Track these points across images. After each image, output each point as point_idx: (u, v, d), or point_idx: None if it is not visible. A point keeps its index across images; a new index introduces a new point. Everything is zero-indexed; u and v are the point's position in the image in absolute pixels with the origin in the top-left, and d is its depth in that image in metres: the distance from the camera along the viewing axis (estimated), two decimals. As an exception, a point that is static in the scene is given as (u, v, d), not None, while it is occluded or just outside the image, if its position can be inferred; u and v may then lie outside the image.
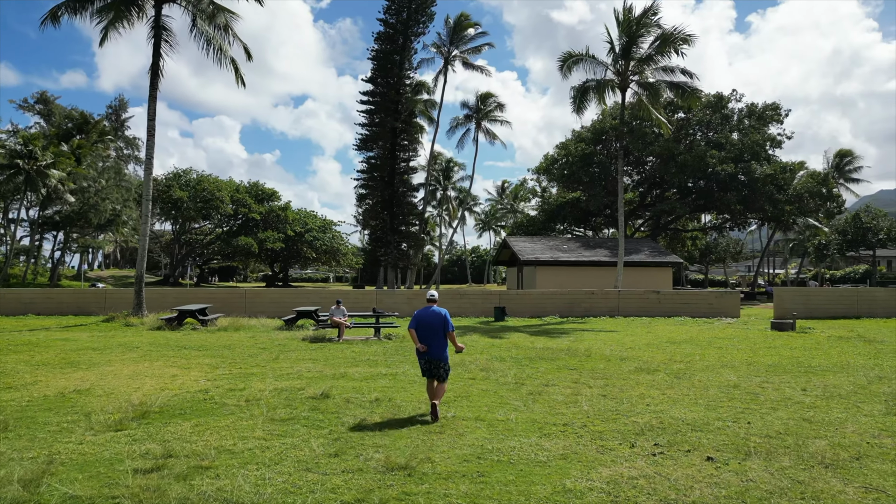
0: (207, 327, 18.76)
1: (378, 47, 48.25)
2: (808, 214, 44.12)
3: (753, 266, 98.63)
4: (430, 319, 7.74)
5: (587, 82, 27.50)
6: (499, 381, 10.51)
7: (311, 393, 9.18)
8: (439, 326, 7.72)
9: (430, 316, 7.76)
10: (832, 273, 73.76)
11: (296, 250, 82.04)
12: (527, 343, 16.22)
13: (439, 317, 7.75)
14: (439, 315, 7.76)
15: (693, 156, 39.57)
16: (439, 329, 7.72)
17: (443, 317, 7.76)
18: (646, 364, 12.56)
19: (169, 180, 69.39)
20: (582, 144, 45.77)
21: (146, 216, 20.68)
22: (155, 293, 24.49)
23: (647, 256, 35.81)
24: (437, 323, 7.72)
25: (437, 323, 7.72)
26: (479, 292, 26.25)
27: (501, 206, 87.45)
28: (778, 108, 43.58)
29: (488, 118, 53.86)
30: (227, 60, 21.77)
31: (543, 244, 36.92)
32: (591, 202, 44.08)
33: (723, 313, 26.24)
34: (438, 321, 7.73)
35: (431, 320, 7.73)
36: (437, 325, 7.72)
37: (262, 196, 78.31)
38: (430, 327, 7.72)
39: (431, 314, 7.78)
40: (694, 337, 18.14)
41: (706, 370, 11.87)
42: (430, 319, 7.74)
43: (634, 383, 10.43)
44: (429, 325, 7.73)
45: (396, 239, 48.13)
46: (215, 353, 13.81)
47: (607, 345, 15.98)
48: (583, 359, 13.30)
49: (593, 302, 26.10)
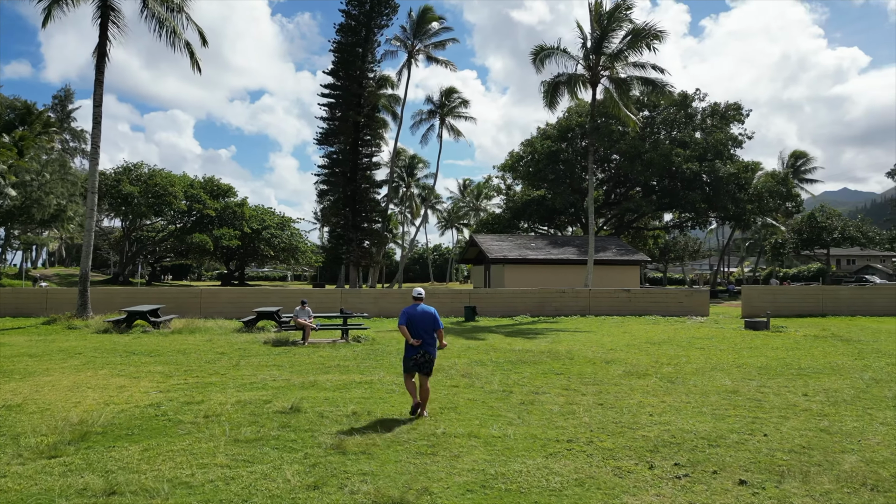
0: (160, 330, 17.42)
1: (340, 39, 46.91)
2: (767, 213, 44.71)
3: (709, 265, 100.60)
4: (421, 318, 7.82)
5: (558, 77, 26.95)
6: (485, 388, 9.69)
7: (280, 406, 8.17)
8: (430, 325, 7.85)
9: (421, 314, 7.84)
10: (785, 271, 75.61)
11: (253, 248, 79.72)
12: (504, 345, 15.46)
13: (430, 315, 7.87)
14: (430, 313, 7.88)
15: (659, 154, 39.55)
16: (430, 327, 7.85)
17: (433, 315, 7.90)
18: (634, 367, 11.93)
19: (119, 174, 66.34)
20: (548, 142, 45.38)
21: (91, 210, 19.14)
22: (102, 293, 22.87)
23: (615, 254, 35.58)
24: (429, 321, 7.85)
25: (429, 321, 7.85)
26: (448, 291, 25.41)
27: (464, 203, 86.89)
28: (740, 108, 44.02)
29: (453, 114, 53.06)
30: (182, 44, 20.37)
31: (511, 242, 36.31)
32: (556, 200, 43.71)
33: (693, 312, 26.05)
34: (430, 319, 7.85)
35: (423, 318, 7.82)
36: (429, 324, 7.85)
37: (218, 192, 75.74)
38: (422, 326, 7.80)
39: (422, 313, 7.85)
40: (672, 337, 17.69)
41: (697, 374, 11.30)
42: (422, 318, 7.82)
43: (628, 389, 9.75)
44: (421, 323, 7.80)
45: (359, 236, 46.89)
46: (168, 359, 12.60)
47: (587, 346, 15.35)
48: (567, 362, 12.60)
49: (564, 301, 25.56)
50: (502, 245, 35.23)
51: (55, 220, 55.80)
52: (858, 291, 27.68)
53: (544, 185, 46.30)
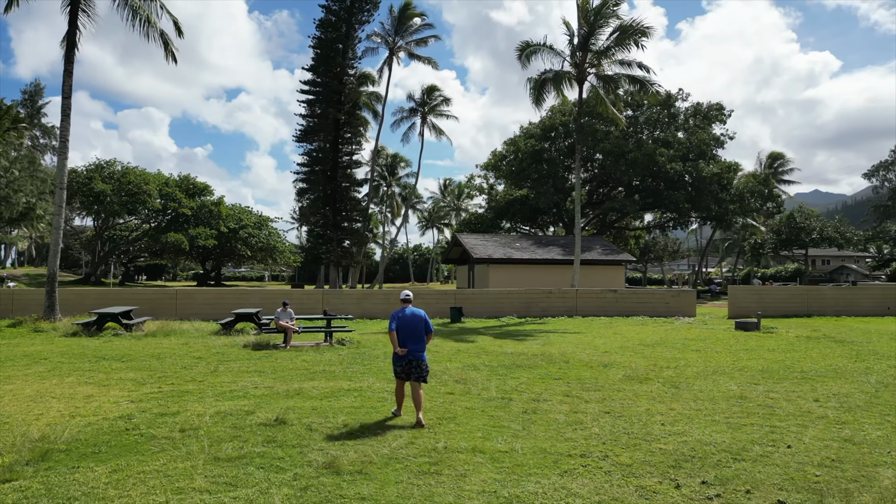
0: (132, 333, 16.57)
1: (320, 35, 46.04)
2: (749, 214, 44.85)
3: (688, 265, 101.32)
4: (411, 321, 7.61)
5: (545, 74, 26.51)
6: (482, 395, 9.12)
7: (263, 418, 7.51)
8: (421, 328, 7.63)
9: (410, 317, 7.63)
10: (763, 271, 76.29)
11: (230, 248, 78.18)
12: (495, 347, 14.91)
13: (420, 318, 7.66)
14: (420, 316, 7.67)
15: (643, 154, 39.36)
16: (421, 330, 7.63)
17: (424, 318, 7.68)
18: (633, 371, 11.45)
19: (91, 172, 64.47)
20: (532, 140, 44.98)
21: (60, 207, 18.18)
22: (72, 294, 21.86)
23: (600, 254, 35.26)
24: (419, 324, 7.63)
25: (419, 324, 7.63)
26: (433, 292, 24.81)
27: (444, 203, 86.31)
28: (722, 108, 44.08)
29: (434, 112, 52.42)
30: (156, 33, 19.49)
31: (496, 242, 35.81)
32: (540, 199, 43.32)
33: (680, 312, 25.78)
34: (420, 322, 7.64)
35: (413, 322, 7.61)
36: (419, 327, 7.62)
37: (194, 190, 74.11)
38: (413, 329, 7.58)
39: (412, 316, 7.65)
40: (664, 338, 17.30)
41: (700, 378, 10.86)
42: (412, 321, 7.61)
43: (633, 395, 9.26)
44: (411, 326, 7.58)
45: (339, 236, 46.07)
46: (141, 364, 11.82)
47: (580, 348, 14.87)
48: (563, 366, 12.08)
49: (551, 301, 25.11)
50: (487, 245, 34.73)
51: (24, 219, 54.15)
52: (843, 292, 27.68)
53: (527, 184, 45.92)
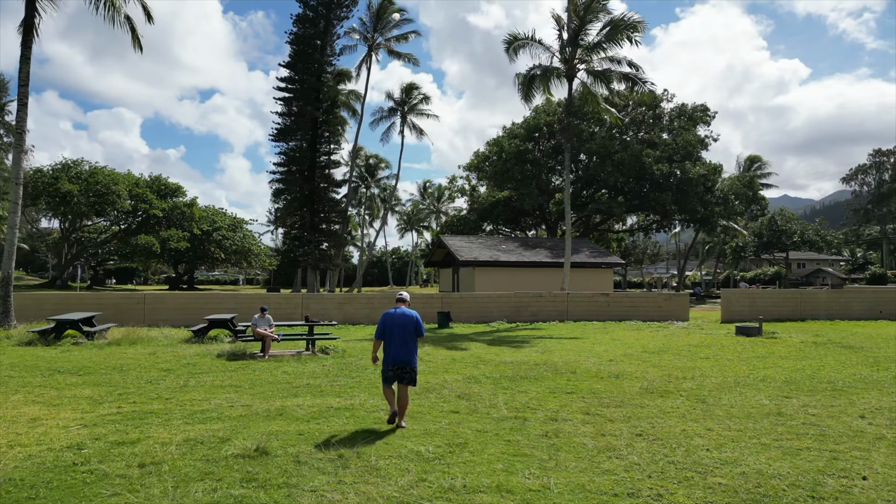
0: (94, 341, 15.15)
1: (297, 31, 44.68)
2: (733, 216, 44.52)
3: (666, 268, 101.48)
4: (402, 321, 7.29)
5: (533, 69, 25.57)
6: (492, 415, 8.02)
7: (241, 447, 6.31)
8: (412, 329, 7.30)
9: (401, 317, 7.31)
10: (742, 274, 76.49)
11: (203, 250, 76.05)
12: (491, 356, 13.83)
13: (412, 319, 7.33)
14: (411, 317, 7.34)
15: (629, 154, 38.68)
16: (412, 331, 7.30)
17: (415, 319, 7.36)
18: (650, 383, 10.45)
19: (57, 172, 62.04)
20: (516, 141, 44.07)
21: (16, 204, 16.66)
22: (30, 298, 20.27)
23: (588, 257, 34.42)
24: (410, 325, 7.30)
25: (410, 325, 7.30)
26: (418, 296, 23.64)
27: (424, 206, 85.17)
28: (707, 109, 43.68)
29: (414, 112, 51.30)
30: (122, 18, 18.10)
31: (481, 244, 34.77)
32: (524, 201, 42.42)
33: (673, 317, 24.99)
34: (411, 323, 7.31)
35: (404, 322, 7.28)
36: (410, 328, 7.29)
37: (165, 191, 71.88)
38: (403, 330, 7.26)
39: (402, 316, 7.32)
40: (667, 345, 16.39)
41: (724, 390, 9.90)
42: (403, 321, 7.29)
43: (658, 412, 8.25)
44: (402, 327, 7.25)
45: (317, 238, 44.66)
46: (100, 378, 10.50)
47: (582, 356, 13.86)
48: (571, 377, 11.04)
49: (541, 305, 24.14)
50: (472, 247, 33.67)
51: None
52: (836, 295, 27.18)
53: (511, 185, 45.04)
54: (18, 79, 16.88)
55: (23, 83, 16.86)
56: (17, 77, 27.39)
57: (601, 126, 43.16)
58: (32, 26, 17.49)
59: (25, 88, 16.90)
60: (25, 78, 16.96)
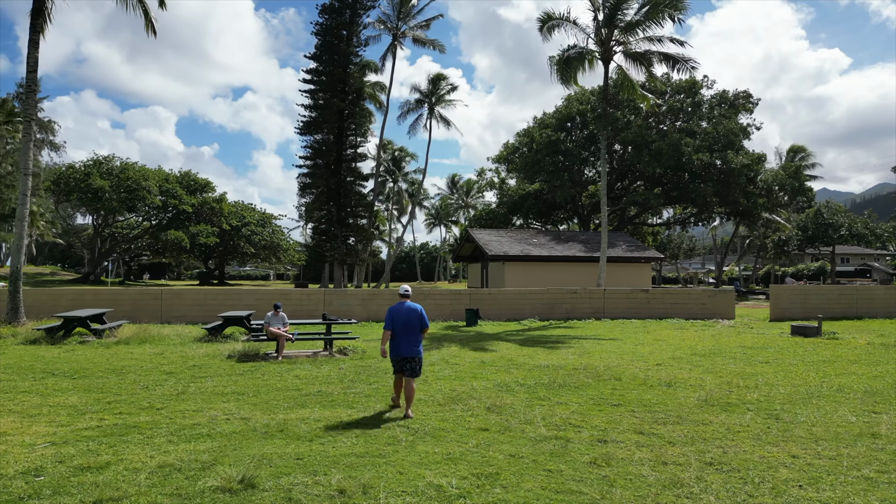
0: (102, 339, 14.34)
1: (323, 21, 43.82)
2: (777, 208, 42.27)
3: (701, 263, 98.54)
4: (407, 315, 7.61)
5: (569, 50, 24.12)
6: (527, 434, 6.80)
7: (224, 476, 5.20)
8: (416, 323, 7.64)
9: (406, 312, 7.63)
10: (783, 270, 73.59)
11: (232, 245, 76.20)
12: (524, 358, 12.58)
13: (416, 313, 7.66)
14: (416, 311, 7.66)
15: (667, 143, 36.80)
16: (416, 325, 7.64)
17: (419, 313, 7.69)
18: (707, 393, 9.11)
19: (89, 168, 62.49)
20: (547, 131, 42.49)
21: (24, 196, 15.93)
22: (46, 294, 19.66)
23: (625, 251, 32.80)
24: (415, 319, 7.63)
25: (415, 319, 7.63)
26: (444, 292, 22.50)
27: (453, 200, 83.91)
28: (749, 96, 41.46)
29: (442, 102, 50.06)
30: (134, 1, 17.26)
31: (511, 238, 33.40)
32: (556, 193, 40.84)
33: (718, 314, 23.38)
34: (416, 317, 7.64)
35: (409, 316, 7.61)
36: (415, 322, 7.63)
37: (195, 187, 72.03)
38: (408, 324, 7.60)
39: (408, 310, 7.64)
40: (717, 346, 14.93)
41: (796, 403, 8.52)
42: (408, 315, 7.61)
43: (726, 432, 6.94)
44: (407, 321, 7.59)
45: (344, 232, 43.84)
46: (94, 383, 9.57)
47: (625, 360, 12.54)
48: (616, 385, 9.75)
49: (576, 302, 22.76)
50: (502, 241, 32.33)
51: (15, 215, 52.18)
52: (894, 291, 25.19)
53: (542, 177, 43.50)
54: (27, 65, 16.16)
55: (31, 69, 16.14)
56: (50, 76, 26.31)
57: (637, 115, 41.30)
58: (42, 10, 16.75)
59: (34, 75, 16.18)
60: (34, 64, 16.23)
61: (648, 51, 23.89)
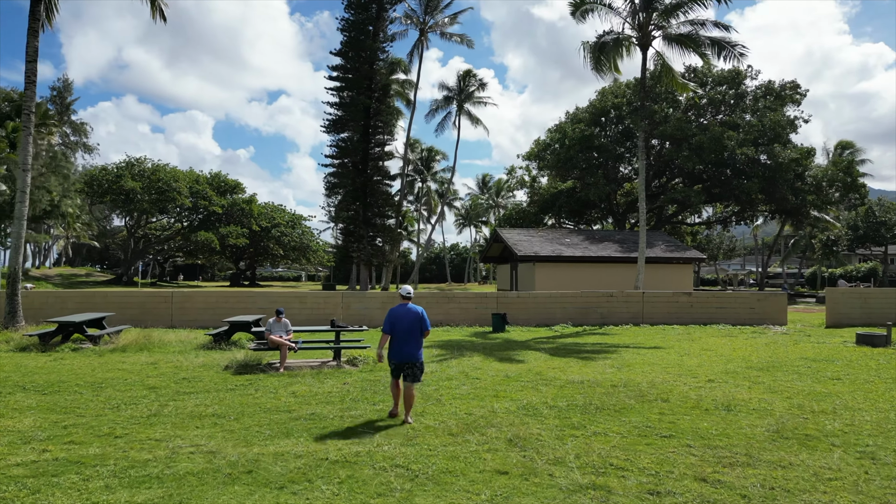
0: (97, 346, 13.33)
1: (349, 17, 42.84)
2: (828, 206, 39.72)
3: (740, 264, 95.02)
4: (408, 317, 7.31)
5: (604, 36, 22.49)
6: (556, 480, 5.36)
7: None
8: (417, 325, 7.35)
9: (407, 314, 7.32)
10: (831, 271, 70.16)
11: (262, 247, 76.02)
12: (555, 372, 11.10)
13: (417, 315, 7.35)
14: (416, 313, 7.36)
15: (709, 137, 34.72)
16: (417, 328, 7.35)
17: (420, 315, 7.38)
18: (778, 421, 7.54)
19: (121, 170, 62.89)
20: (580, 126, 40.70)
21: (23, 193, 15.07)
22: (53, 296, 18.89)
23: (664, 251, 30.93)
24: (416, 322, 7.34)
25: (416, 322, 7.34)
26: (470, 295, 21.10)
27: (483, 200, 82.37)
28: (798, 86, 38.95)
29: (471, 100, 48.67)
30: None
31: (542, 237, 31.79)
32: (589, 191, 39.03)
33: (768, 320, 21.49)
34: (416, 320, 7.35)
35: (409, 319, 7.31)
36: (416, 325, 7.34)
37: (225, 188, 72.10)
38: (409, 327, 7.29)
39: (408, 312, 7.33)
40: (774, 357, 13.22)
41: (889, 435, 6.92)
42: (409, 317, 7.31)
43: (814, 479, 5.41)
44: (408, 323, 7.28)
45: (370, 233, 42.77)
46: (62, 400, 8.44)
47: (671, 374, 10.97)
48: (663, 409, 8.23)
49: (612, 306, 21.13)
50: (532, 240, 30.76)
51: (48, 217, 52.38)
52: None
53: (574, 174, 41.73)
54: (26, 54, 15.28)
55: (30, 59, 15.26)
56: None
57: (675, 108, 39.25)
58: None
59: (33, 65, 15.30)
60: (33, 53, 15.36)
61: (692, 32, 22.09)
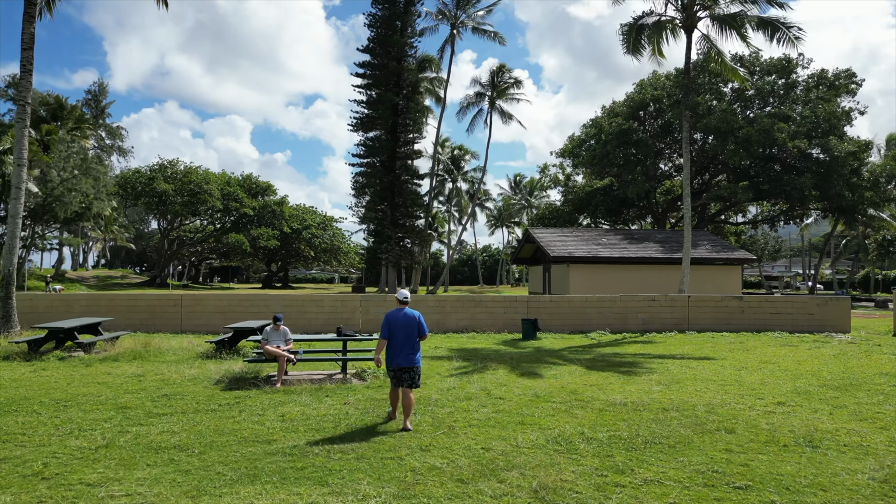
0: (88, 354, 12.23)
1: (376, 12, 41.80)
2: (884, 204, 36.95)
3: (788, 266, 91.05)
4: (405, 322, 7.21)
5: (643, 17, 20.75)
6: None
7: None
8: (414, 331, 7.24)
9: (404, 319, 7.22)
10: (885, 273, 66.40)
11: (294, 249, 75.64)
12: (592, 391, 9.51)
13: (414, 320, 7.24)
14: (414, 318, 7.25)
15: (757, 129, 32.46)
16: (414, 333, 7.24)
17: (417, 320, 7.26)
18: (880, 464, 5.87)
19: (154, 172, 63.10)
20: (618, 119, 38.70)
21: (18, 189, 14.17)
22: (59, 300, 18.02)
23: (709, 252, 28.85)
24: (413, 327, 7.22)
25: (413, 327, 7.22)
26: (499, 300, 19.56)
27: (515, 201, 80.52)
28: (853, 75, 36.27)
29: (504, 96, 47.04)
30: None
31: (577, 237, 29.99)
32: (627, 189, 37.05)
33: (829, 327, 19.44)
34: (413, 325, 7.23)
35: (407, 324, 7.21)
36: (413, 330, 7.23)
37: (256, 190, 71.89)
38: (406, 332, 7.19)
39: (406, 317, 7.23)
40: (849, 373, 11.38)
41: None
42: (407, 322, 7.21)
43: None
44: (405, 328, 7.18)
45: (398, 234, 41.56)
46: (13, 420, 7.23)
47: (729, 393, 9.29)
48: (729, 442, 6.60)
49: (654, 311, 19.35)
50: (566, 240, 29.01)
51: (80, 219, 52.64)
52: None
53: (612, 171, 39.76)
54: (22, 42, 14.37)
55: (25, 46, 14.33)
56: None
57: (720, 99, 36.99)
58: (41, -16, 14.97)
59: (29, 53, 14.37)
60: (29, 41, 14.43)
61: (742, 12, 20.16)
